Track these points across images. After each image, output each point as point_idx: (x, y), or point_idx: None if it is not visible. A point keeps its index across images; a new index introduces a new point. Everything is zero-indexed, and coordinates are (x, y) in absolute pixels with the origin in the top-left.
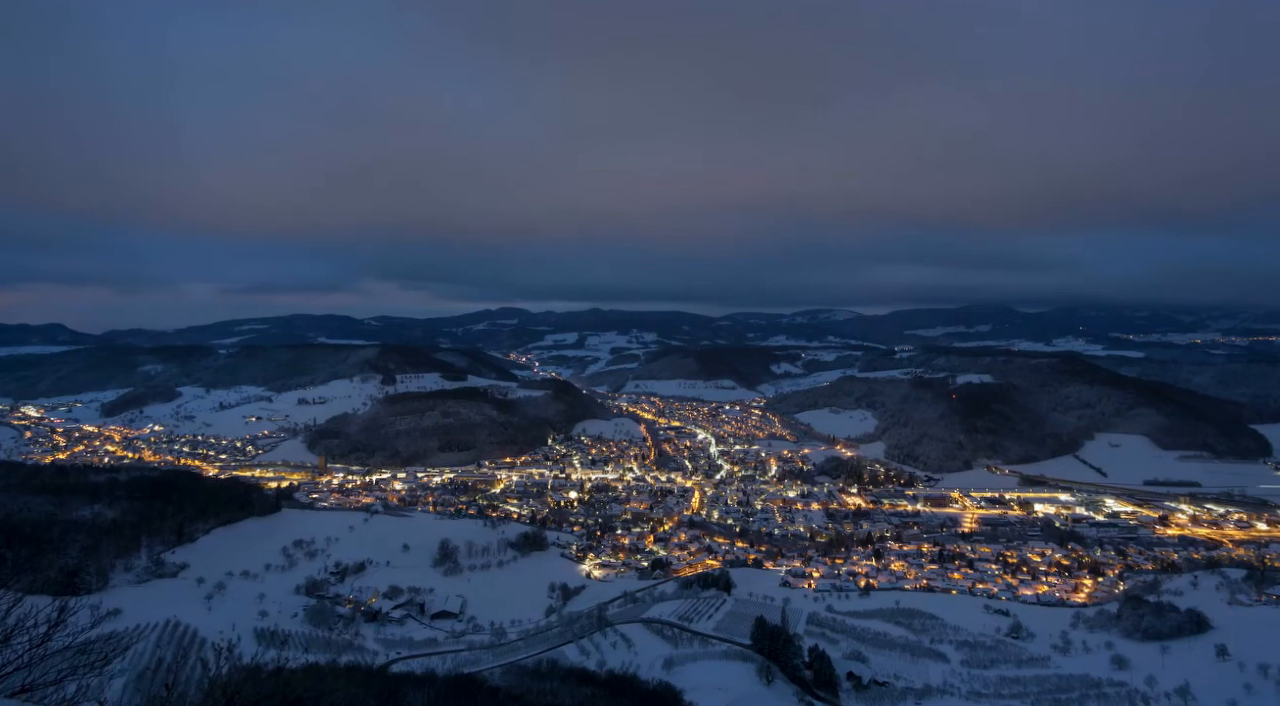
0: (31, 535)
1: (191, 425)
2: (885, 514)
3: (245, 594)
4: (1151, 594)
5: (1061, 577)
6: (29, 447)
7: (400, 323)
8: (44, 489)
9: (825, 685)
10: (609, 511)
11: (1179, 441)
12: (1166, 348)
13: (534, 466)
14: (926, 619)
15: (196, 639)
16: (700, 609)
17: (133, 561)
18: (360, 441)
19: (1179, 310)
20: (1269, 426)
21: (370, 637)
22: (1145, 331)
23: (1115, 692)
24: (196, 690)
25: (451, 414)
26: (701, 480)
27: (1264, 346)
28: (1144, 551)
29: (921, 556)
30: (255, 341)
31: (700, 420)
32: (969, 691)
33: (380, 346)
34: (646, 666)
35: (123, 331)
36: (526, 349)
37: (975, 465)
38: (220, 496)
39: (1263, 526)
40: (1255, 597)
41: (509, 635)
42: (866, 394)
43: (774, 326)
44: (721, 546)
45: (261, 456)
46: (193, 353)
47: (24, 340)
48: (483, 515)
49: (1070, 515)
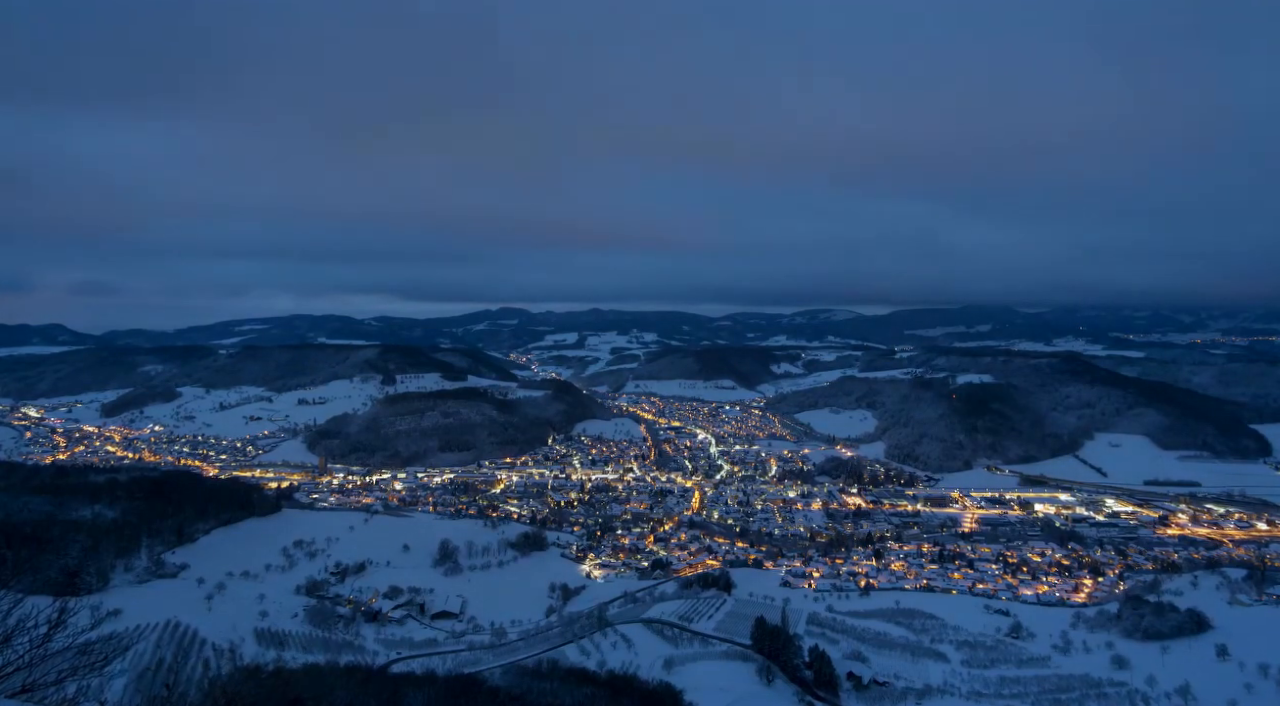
0: (32, 535)
1: (191, 425)
2: (885, 514)
3: (245, 594)
4: (1152, 594)
5: (1061, 577)
6: (29, 448)
7: (400, 323)
8: (44, 489)
9: (825, 685)
10: (609, 511)
11: (1179, 441)
12: (1166, 347)
13: (534, 466)
14: (926, 619)
15: (197, 639)
16: (700, 609)
17: (133, 561)
18: (360, 441)
19: (1179, 310)
20: (1269, 426)
21: (370, 638)
22: (1145, 331)
23: (1115, 692)
24: (197, 690)
25: (451, 414)
26: (701, 480)
27: (1264, 346)
28: (1144, 551)
29: (921, 556)
30: (255, 341)
31: (700, 420)
32: (969, 691)
33: (380, 346)
34: (647, 666)
35: (123, 331)
36: (526, 349)
37: (975, 465)
38: (220, 496)
39: (1263, 526)
40: (1256, 597)
41: (509, 635)
42: (866, 394)
43: (774, 326)
44: (721, 546)
45: (261, 456)
46: (193, 353)
47: (24, 340)
48: (483, 515)
49: (1070, 515)
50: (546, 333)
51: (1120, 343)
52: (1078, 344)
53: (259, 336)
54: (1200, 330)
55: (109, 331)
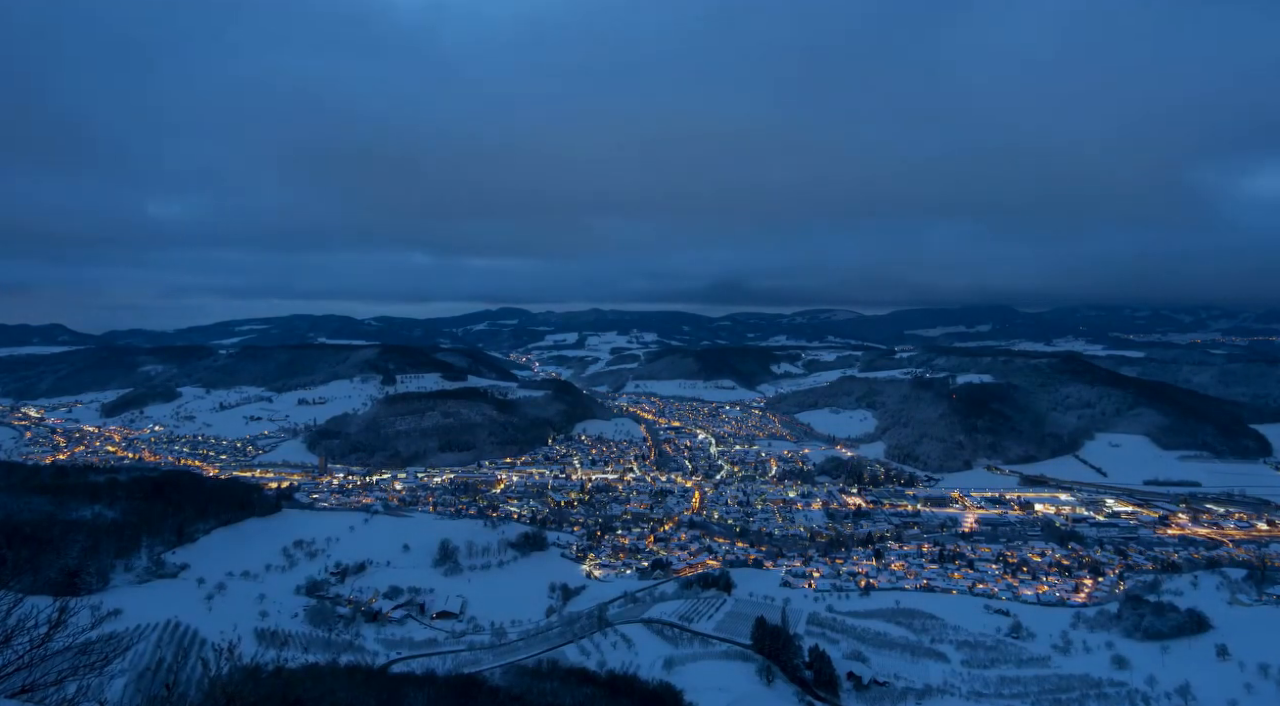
0: (32, 535)
1: (192, 425)
2: (885, 514)
3: (245, 594)
4: (1152, 594)
5: (1062, 577)
6: (29, 448)
7: (400, 323)
8: (44, 489)
9: (825, 685)
10: (609, 511)
11: (1179, 441)
12: (1166, 347)
13: (534, 466)
14: (927, 619)
15: (197, 639)
16: (700, 609)
17: (133, 561)
18: (360, 441)
19: (1179, 310)
20: (1269, 426)
21: (370, 638)
22: (1145, 331)
23: (1115, 692)
24: (197, 690)
25: (451, 414)
26: (702, 480)
27: (1264, 346)
28: (1144, 551)
29: (922, 556)
30: (255, 341)
31: (700, 420)
32: (969, 691)
33: (380, 346)
34: (647, 666)
35: (123, 332)
36: (526, 349)
37: (975, 465)
38: (220, 496)
39: (1263, 526)
40: (1256, 597)
41: (509, 635)
42: (866, 394)
43: (774, 326)
44: (722, 546)
45: (261, 457)
46: (193, 353)
47: (24, 340)
48: (483, 515)
49: (1070, 515)
50: (546, 332)
51: (1120, 343)
52: (1078, 344)
53: (259, 336)
54: (1200, 330)
55: (109, 331)
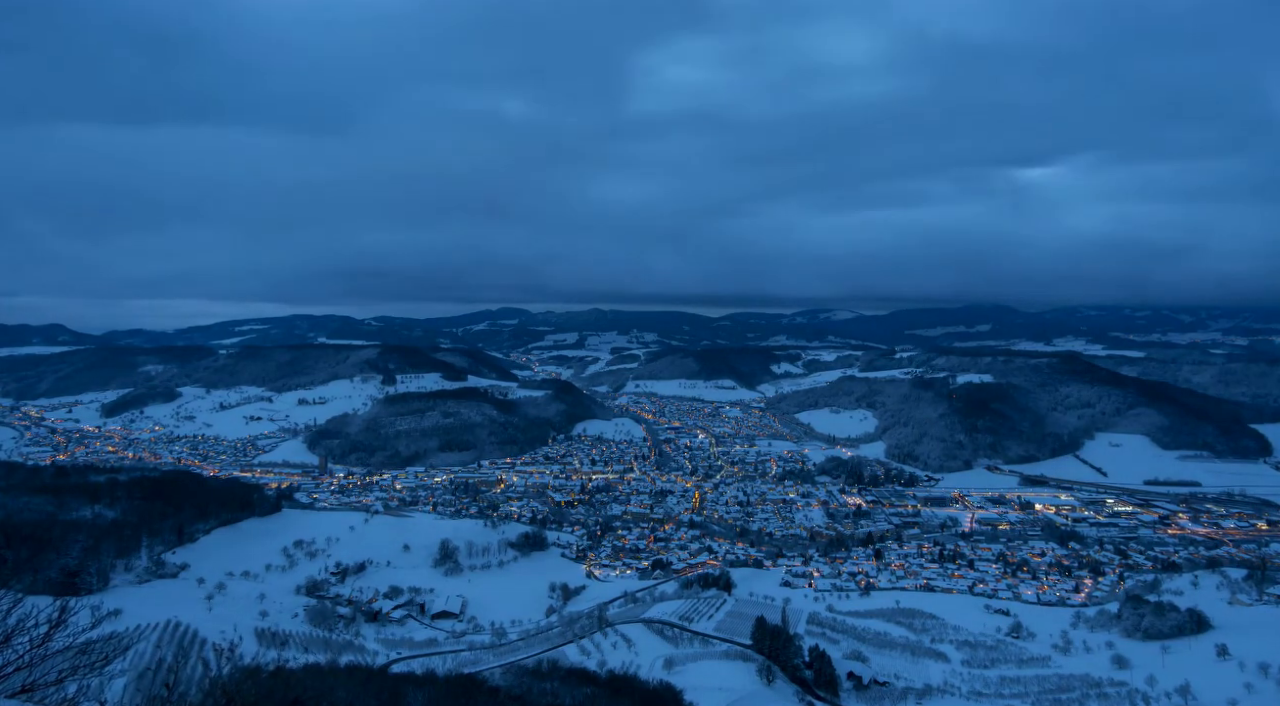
0: (32, 535)
1: (192, 425)
2: (885, 514)
3: (246, 594)
4: (1152, 593)
5: (1062, 577)
6: (29, 448)
7: (400, 323)
8: (44, 489)
9: (826, 685)
10: (609, 512)
11: (1179, 441)
12: (1166, 347)
13: (534, 466)
14: (927, 619)
15: (197, 639)
16: (701, 609)
17: (133, 561)
18: (360, 441)
19: (1179, 310)
20: (1269, 426)
21: (371, 638)
22: (1145, 331)
23: (1116, 692)
24: (197, 690)
25: (452, 414)
26: (702, 480)
27: (1264, 346)
28: (1144, 551)
29: (922, 556)
30: (255, 342)
31: (700, 420)
32: (969, 691)
33: (380, 346)
34: (647, 666)
35: (123, 332)
36: (527, 349)
37: (975, 465)
38: (221, 496)
39: (1263, 526)
40: (1256, 597)
41: (509, 635)
42: (867, 394)
43: (774, 326)
44: (722, 546)
45: (262, 456)
46: (193, 353)
47: (24, 340)
48: (483, 515)
49: (1070, 515)
50: (546, 332)
51: (1120, 343)
52: (1078, 344)
53: (259, 336)
54: (1200, 330)
55: (109, 331)
